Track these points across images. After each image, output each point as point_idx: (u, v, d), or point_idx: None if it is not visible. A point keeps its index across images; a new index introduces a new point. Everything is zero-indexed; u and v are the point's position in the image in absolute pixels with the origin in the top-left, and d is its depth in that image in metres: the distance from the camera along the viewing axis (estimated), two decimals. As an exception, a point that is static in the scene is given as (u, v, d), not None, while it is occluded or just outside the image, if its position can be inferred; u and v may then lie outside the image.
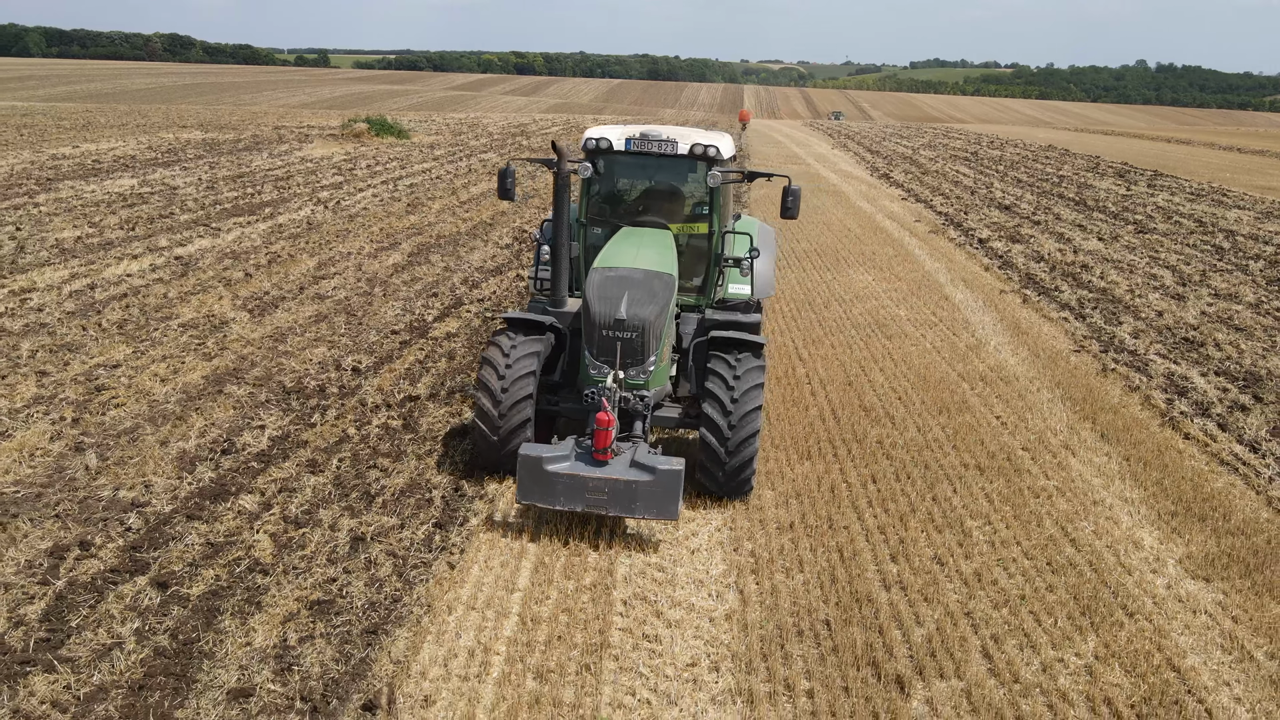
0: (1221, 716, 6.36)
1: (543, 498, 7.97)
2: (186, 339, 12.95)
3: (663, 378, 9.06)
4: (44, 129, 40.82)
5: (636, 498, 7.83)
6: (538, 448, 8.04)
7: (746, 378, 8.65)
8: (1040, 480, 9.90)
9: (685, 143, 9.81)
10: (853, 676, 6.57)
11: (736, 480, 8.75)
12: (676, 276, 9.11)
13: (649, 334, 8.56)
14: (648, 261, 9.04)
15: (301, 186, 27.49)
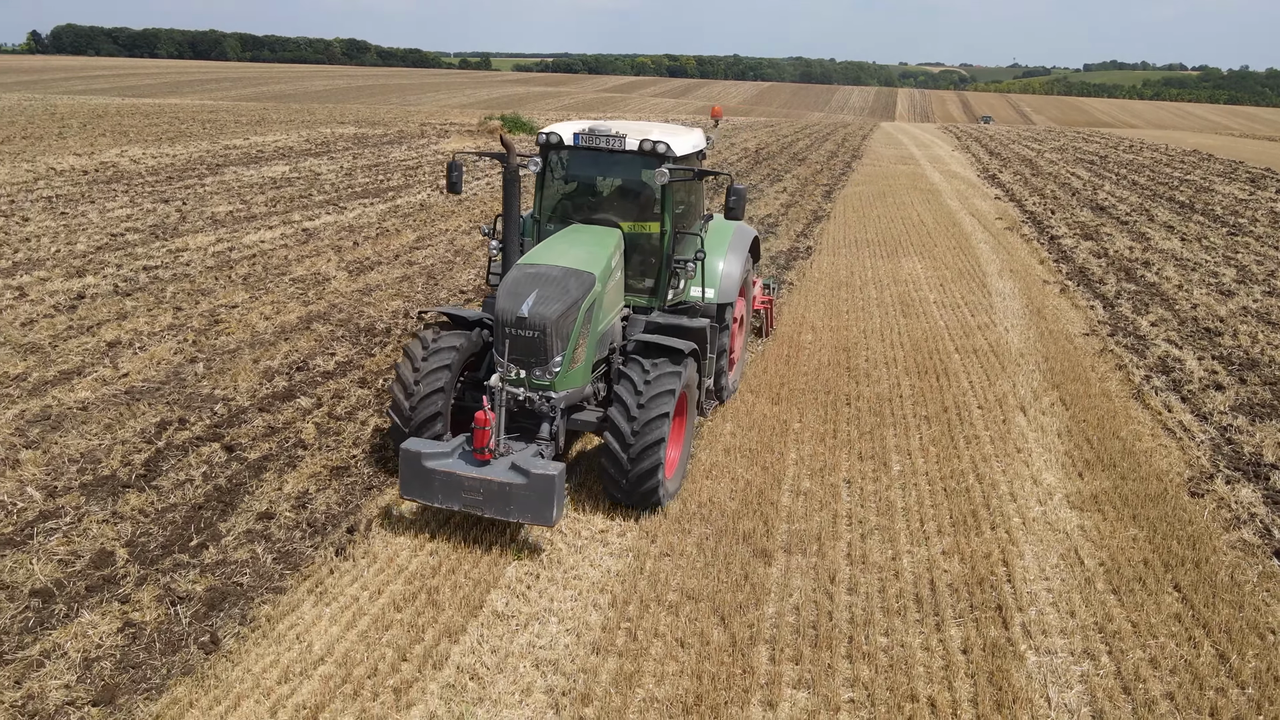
0: (1025, 595, 7.68)
1: (422, 494, 7.89)
2: (293, 290, 15.74)
3: (578, 379, 8.71)
4: (223, 123, 46.21)
5: (511, 500, 7.65)
6: (421, 443, 7.97)
7: (657, 383, 8.39)
8: (978, 430, 11.13)
9: (634, 139, 9.66)
10: (732, 549, 8.24)
11: (640, 490, 8.37)
12: (602, 275, 8.87)
13: (551, 333, 8.25)
14: (571, 259, 8.84)
15: (426, 175, 30.65)
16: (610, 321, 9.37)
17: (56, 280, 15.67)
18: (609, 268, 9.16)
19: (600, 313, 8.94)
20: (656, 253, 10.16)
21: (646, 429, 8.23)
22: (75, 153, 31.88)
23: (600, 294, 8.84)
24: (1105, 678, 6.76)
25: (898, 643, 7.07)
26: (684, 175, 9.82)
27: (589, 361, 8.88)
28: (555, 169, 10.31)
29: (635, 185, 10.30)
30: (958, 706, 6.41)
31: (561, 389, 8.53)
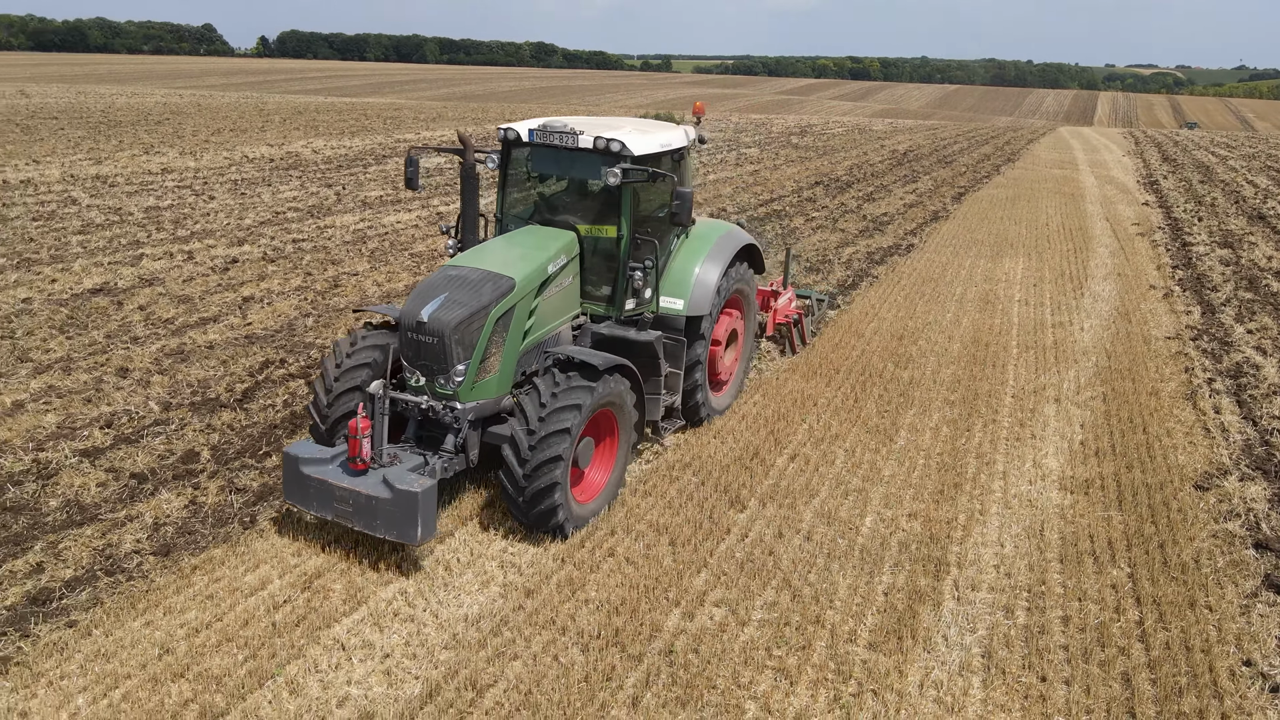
0: (970, 556, 8.19)
1: (301, 500, 7.71)
2: (409, 263, 17.68)
3: (491, 390, 8.28)
4: (402, 119, 50.24)
5: (377, 515, 7.37)
6: (304, 447, 7.81)
7: (564, 397, 7.81)
8: (1001, 417, 11.42)
9: (589, 135, 9.08)
10: (711, 497, 9.13)
11: (535, 511, 7.85)
12: (527, 281, 8.42)
13: (450, 340, 7.87)
14: (497, 262, 8.50)
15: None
16: (552, 330, 9.00)
17: (220, 247, 18.31)
18: (541, 273, 8.64)
19: (524, 320, 8.48)
20: (611, 258, 9.45)
21: (543, 445, 7.68)
22: (268, 143, 35.91)
23: (524, 300, 8.41)
24: (1012, 628, 7.24)
25: (827, 581, 7.78)
26: (640, 176, 9.00)
27: (508, 372, 8.44)
28: (516, 167, 9.77)
29: (593, 186, 9.52)
30: (855, 634, 7.09)
31: (469, 400, 8.15)
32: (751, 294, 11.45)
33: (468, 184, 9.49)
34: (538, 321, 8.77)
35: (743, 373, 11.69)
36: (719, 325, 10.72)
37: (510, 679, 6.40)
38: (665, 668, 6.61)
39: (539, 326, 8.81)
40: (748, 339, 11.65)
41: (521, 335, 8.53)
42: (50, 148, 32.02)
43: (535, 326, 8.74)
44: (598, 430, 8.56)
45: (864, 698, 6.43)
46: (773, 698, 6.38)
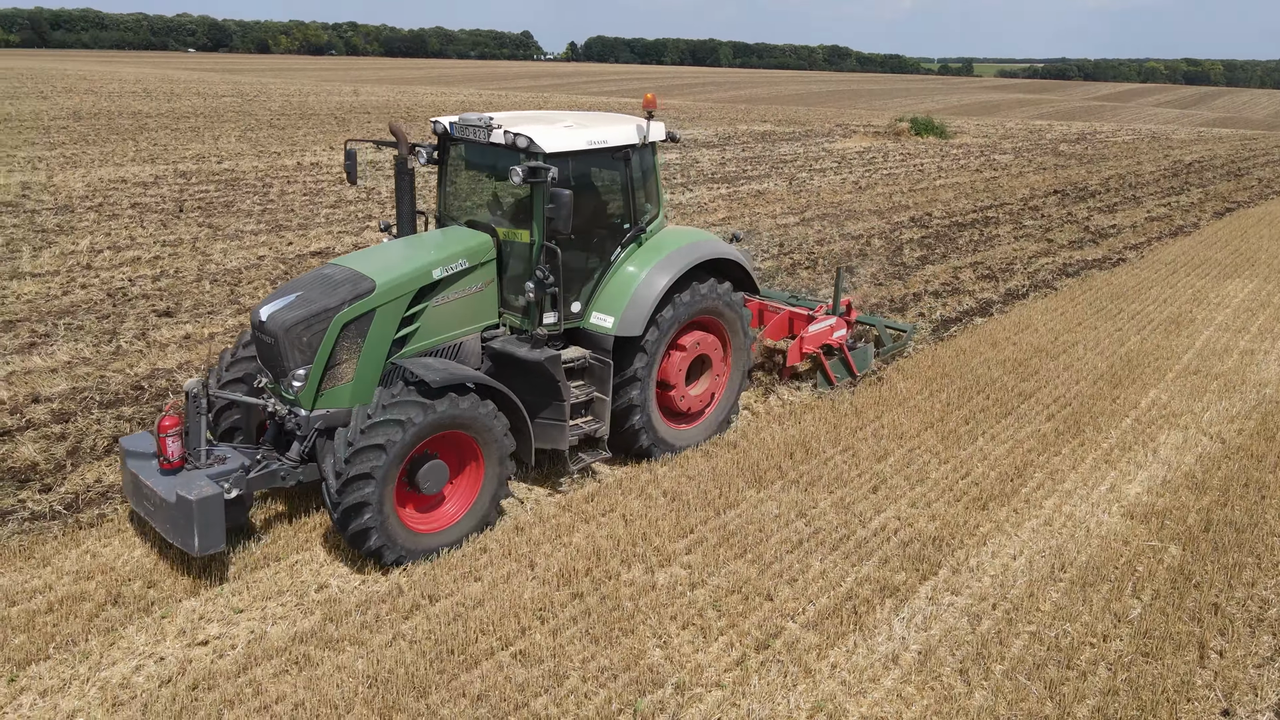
0: (969, 565, 7.92)
1: (129, 494, 7.55)
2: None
3: (340, 399, 7.79)
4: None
5: (167, 519, 7.07)
6: (139, 440, 7.63)
7: (391, 411, 7.23)
8: (1106, 438, 10.58)
9: (504, 130, 8.37)
10: (737, 474, 9.41)
11: (348, 530, 7.24)
12: (396, 285, 7.92)
13: (284, 343, 7.51)
14: (373, 264, 8.14)
15: (792, 168, 32.68)
16: (449, 339, 8.43)
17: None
18: (421, 277, 8.07)
19: (391, 327, 7.95)
20: (527, 265, 8.62)
21: (356, 460, 7.09)
22: (527, 137, 39.20)
23: (389, 306, 7.89)
24: (969, 635, 6.99)
25: (803, 563, 7.88)
26: (551, 175, 8.11)
27: (369, 381, 7.91)
28: (455, 162, 9.25)
29: (513, 185, 8.44)
30: (799, 611, 7.20)
31: (317, 407, 7.71)
32: (735, 315, 9.95)
33: (401, 179, 9.01)
34: (425, 330, 8.21)
35: (728, 405, 10.27)
36: (676, 350, 9.49)
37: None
38: (597, 607, 7.14)
39: (427, 335, 8.24)
40: (734, 367, 10.19)
41: (388, 343, 7.98)
42: (347, 136, 37.16)
43: (421, 335, 8.19)
44: (456, 454, 7.87)
45: (769, 665, 6.59)
46: (681, 650, 6.72)
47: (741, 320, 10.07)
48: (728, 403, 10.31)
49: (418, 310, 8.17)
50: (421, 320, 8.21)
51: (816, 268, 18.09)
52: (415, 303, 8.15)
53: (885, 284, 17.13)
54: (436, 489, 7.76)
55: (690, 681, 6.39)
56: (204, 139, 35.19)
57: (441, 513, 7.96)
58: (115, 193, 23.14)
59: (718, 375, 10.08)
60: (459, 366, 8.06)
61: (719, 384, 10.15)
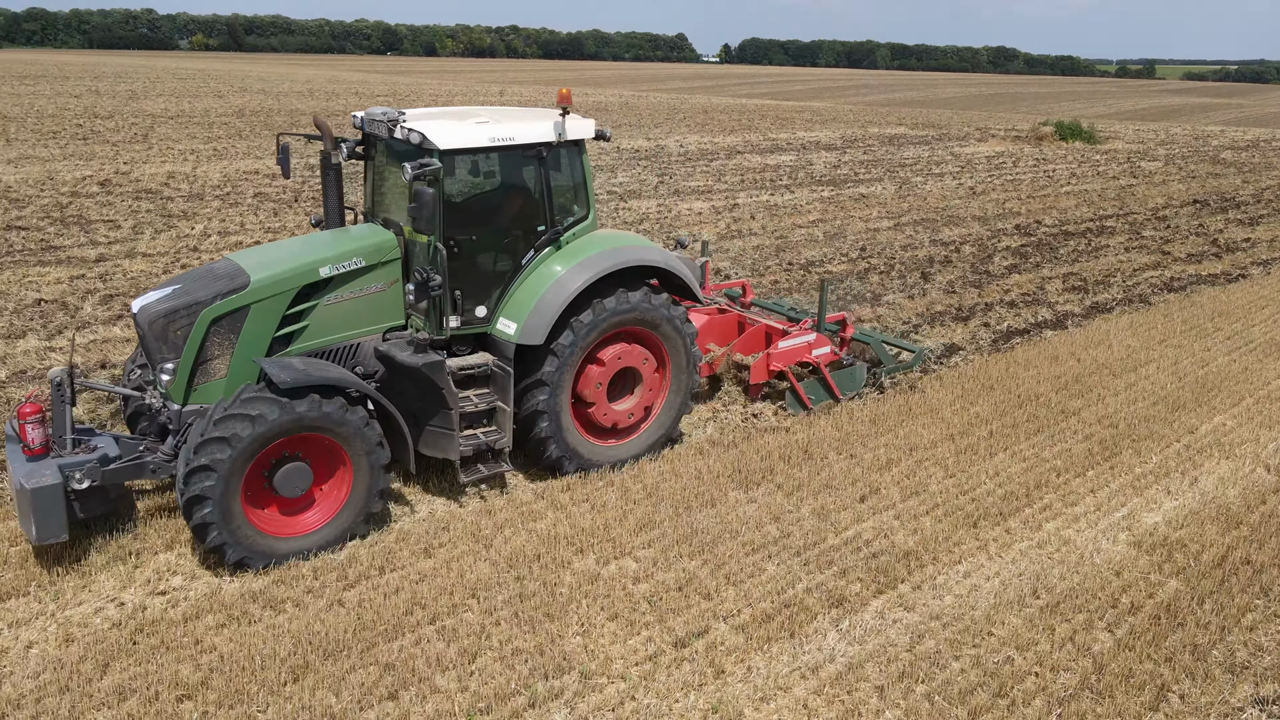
0: (932, 583, 7.56)
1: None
2: (657, 242, 19.08)
3: (212, 395, 7.73)
4: (790, 120, 51.75)
5: (16, 504, 7.20)
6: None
7: (240, 407, 7.07)
8: (1141, 464, 9.84)
9: (401, 125, 8.18)
10: (729, 476, 9.31)
11: (191, 523, 7.11)
12: (274, 283, 7.87)
13: (150, 336, 7.60)
14: (260, 260, 8.18)
15: (908, 171, 31.63)
16: (344, 339, 8.29)
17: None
18: (305, 275, 7.99)
19: (270, 325, 7.88)
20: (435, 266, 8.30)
21: (201, 451, 6.95)
22: (647, 138, 39.59)
23: (266, 303, 7.83)
24: (905, 653, 6.69)
25: (757, 566, 7.74)
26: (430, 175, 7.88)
27: (247, 378, 7.81)
28: (375, 158, 9.05)
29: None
30: (734, 613, 7.08)
31: (190, 401, 7.71)
32: (673, 329, 9.26)
33: (326, 174, 8.79)
34: (314, 328, 8.12)
35: (667, 423, 9.59)
36: (598, 362, 8.96)
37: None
38: (536, 592, 7.24)
39: (318, 334, 8.14)
40: (674, 382, 9.50)
41: (267, 340, 7.91)
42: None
43: (310, 334, 8.11)
44: (326, 459, 7.64)
45: (682, 663, 6.53)
46: (599, 640, 6.75)
47: (681, 334, 9.31)
48: (666, 420, 9.57)
49: (305, 308, 8.07)
50: (310, 319, 8.11)
51: (891, 273, 17.51)
52: (300, 301, 8.03)
53: (959, 292, 16.40)
54: (297, 493, 7.52)
55: (596, 671, 6.41)
56: (343, 135, 37.41)
57: (302, 519, 7.65)
58: (244, 184, 24.95)
59: (650, 390, 9.37)
60: (327, 368, 7.71)
61: (654, 400, 9.49)
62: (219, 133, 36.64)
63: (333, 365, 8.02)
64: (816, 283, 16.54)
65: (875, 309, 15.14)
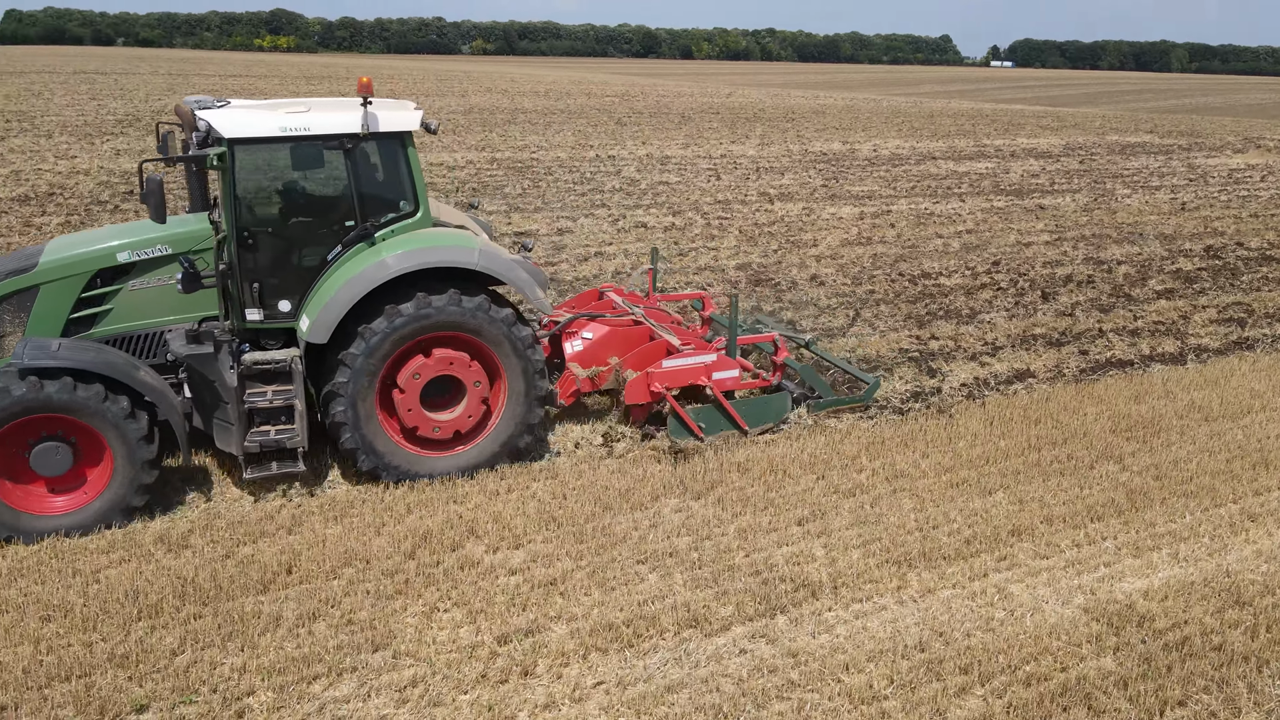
0: (824, 615, 6.96)
1: None
2: (781, 243, 18.53)
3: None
4: (1012, 125, 48.04)
5: None
6: None
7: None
8: (1157, 518, 8.42)
9: (197, 114, 8.17)
10: (679, 485, 9.02)
11: None
12: (67, 267, 8.17)
13: None
14: (66, 242, 8.60)
15: (1117, 182, 28.46)
16: (151, 326, 8.50)
17: (662, 216, 21.38)
18: (101, 260, 8.23)
19: (62, 307, 8.13)
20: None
21: None
22: (842, 141, 38.36)
23: (56, 285, 8.07)
24: (710, 690, 6.21)
25: (639, 576, 7.46)
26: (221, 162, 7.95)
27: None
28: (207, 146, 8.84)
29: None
30: (578, 617, 6.87)
31: None
32: (500, 334, 8.58)
33: (188, 163, 8.81)
34: (118, 313, 8.38)
35: (507, 433, 8.94)
36: (405, 368, 8.46)
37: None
38: (408, 570, 7.40)
39: (122, 319, 8.39)
40: (511, 391, 8.83)
41: (60, 321, 8.15)
42: (690, 133, 39.15)
43: (113, 318, 8.36)
44: (91, 445, 7.72)
45: (495, 658, 6.46)
46: (430, 622, 6.81)
47: (512, 340, 8.64)
48: (506, 431, 8.94)
49: (105, 292, 8.31)
50: (113, 303, 8.34)
51: (1008, 290, 15.96)
52: (96, 285, 8.26)
53: (1076, 315, 14.65)
54: (57, 472, 7.64)
55: (407, 652, 6.49)
56: (543, 132, 39.21)
57: (55, 500, 7.76)
58: (428, 173, 26.91)
59: (484, 400, 8.81)
60: (94, 354, 7.72)
61: (491, 409, 8.92)
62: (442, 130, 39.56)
63: (113, 352, 8.00)
64: (917, 295, 15.43)
65: (960, 327, 13.89)
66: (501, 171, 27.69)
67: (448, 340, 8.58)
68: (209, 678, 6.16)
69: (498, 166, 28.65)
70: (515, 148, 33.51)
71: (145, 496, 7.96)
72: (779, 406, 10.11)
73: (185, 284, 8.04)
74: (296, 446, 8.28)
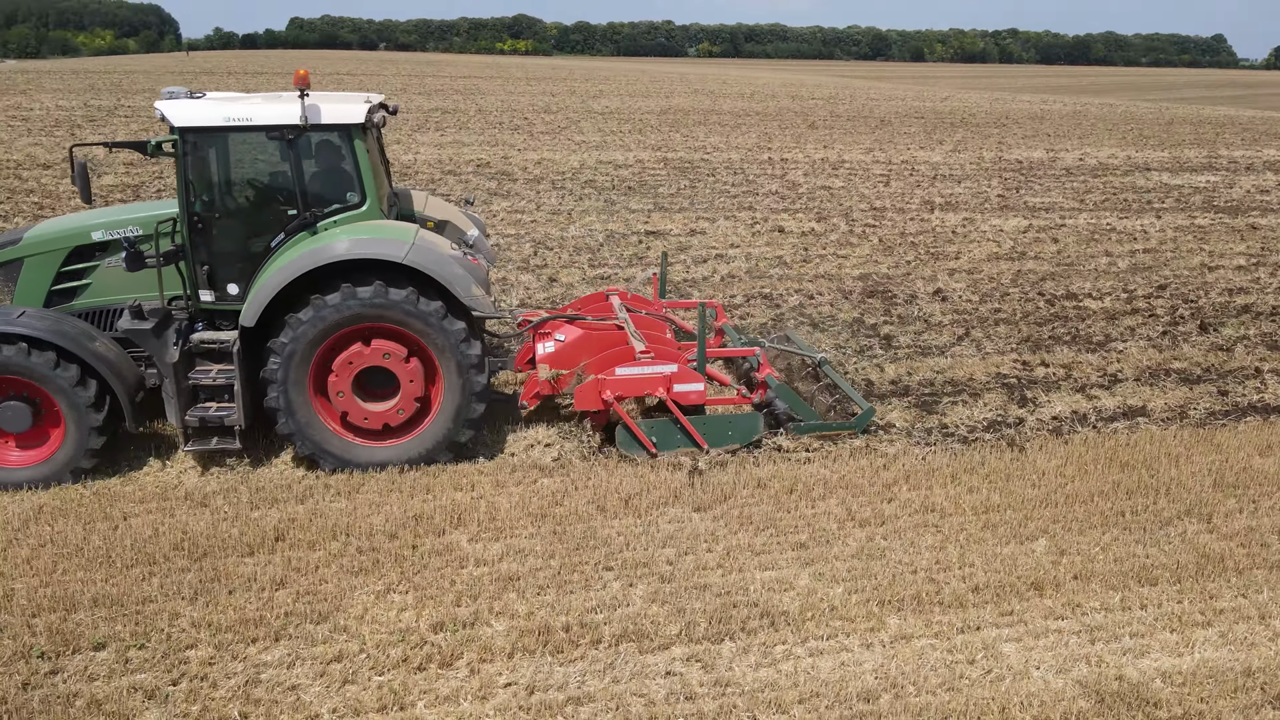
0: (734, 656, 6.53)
1: None
2: (926, 258, 17.46)
3: None
4: (1268, 134, 42.48)
5: None
6: None
7: None
8: (1222, 589, 7.21)
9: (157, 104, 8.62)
10: (672, 502, 8.75)
11: None
12: (46, 242, 8.98)
13: None
14: (55, 220, 9.79)
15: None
16: (119, 301, 9.03)
17: (806, 220, 20.76)
18: (77, 237, 8.96)
19: (43, 279, 8.91)
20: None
21: None
22: (1049, 148, 35.56)
23: (38, 259, 8.90)
24: (638, 705, 5.94)
25: (603, 583, 7.28)
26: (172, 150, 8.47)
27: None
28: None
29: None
30: (524, 618, 6.81)
31: None
32: (429, 327, 8.56)
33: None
34: (97, 288, 9.08)
35: (446, 425, 8.89)
36: (342, 356, 8.61)
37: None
38: (383, 547, 7.63)
39: (99, 294, 9.09)
40: (447, 384, 8.79)
41: (43, 292, 8.95)
42: (880, 138, 37.84)
43: (92, 292, 9.09)
44: (48, 406, 8.37)
45: (421, 645, 6.50)
46: (377, 602, 6.95)
47: (441, 332, 8.58)
48: (443, 424, 8.90)
49: (83, 268, 9.02)
50: (92, 278, 9.05)
51: (1160, 319, 14.15)
52: (75, 260, 8.97)
53: (1230, 350, 12.77)
54: (17, 430, 8.36)
55: (342, 626, 6.66)
56: (728, 134, 39.02)
57: (16, 454, 8.50)
58: (590, 171, 27.54)
59: (419, 398, 8.83)
60: (50, 323, 8.31)
61: (431, 404, 8.93)
62: (625, 128, 40.41)
63: (72, 322, 8.57)
64: (1047, 316, 14.05)
65: (1081, 354, 12.47)
66: (665, 171, 27.86)
67: (388, 333, 8.67)
68: (165, 627, 6.61)
69: (664, 166, 28.86)
70: (691, 148, 33.63)
71: (94, 460, 8.53)
72: (748, 426, 9.47)
73: (129, 263, 8.45)
74: (234, 425, 8.61)
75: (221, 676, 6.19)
